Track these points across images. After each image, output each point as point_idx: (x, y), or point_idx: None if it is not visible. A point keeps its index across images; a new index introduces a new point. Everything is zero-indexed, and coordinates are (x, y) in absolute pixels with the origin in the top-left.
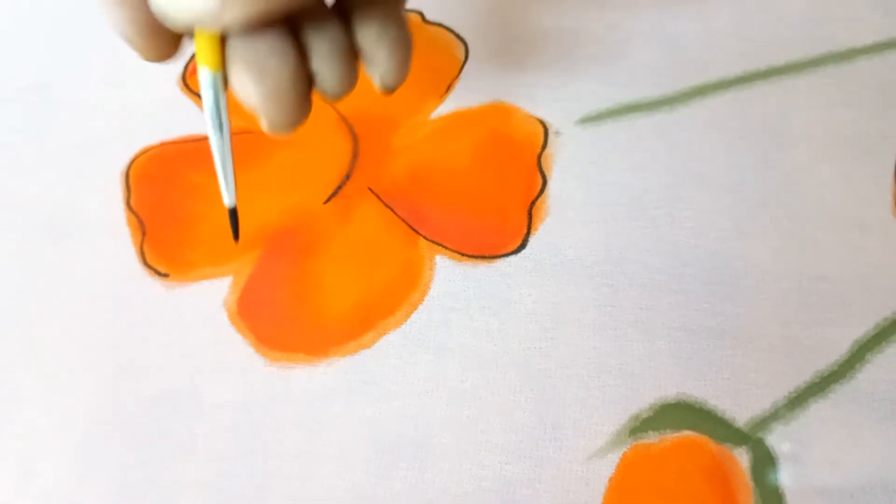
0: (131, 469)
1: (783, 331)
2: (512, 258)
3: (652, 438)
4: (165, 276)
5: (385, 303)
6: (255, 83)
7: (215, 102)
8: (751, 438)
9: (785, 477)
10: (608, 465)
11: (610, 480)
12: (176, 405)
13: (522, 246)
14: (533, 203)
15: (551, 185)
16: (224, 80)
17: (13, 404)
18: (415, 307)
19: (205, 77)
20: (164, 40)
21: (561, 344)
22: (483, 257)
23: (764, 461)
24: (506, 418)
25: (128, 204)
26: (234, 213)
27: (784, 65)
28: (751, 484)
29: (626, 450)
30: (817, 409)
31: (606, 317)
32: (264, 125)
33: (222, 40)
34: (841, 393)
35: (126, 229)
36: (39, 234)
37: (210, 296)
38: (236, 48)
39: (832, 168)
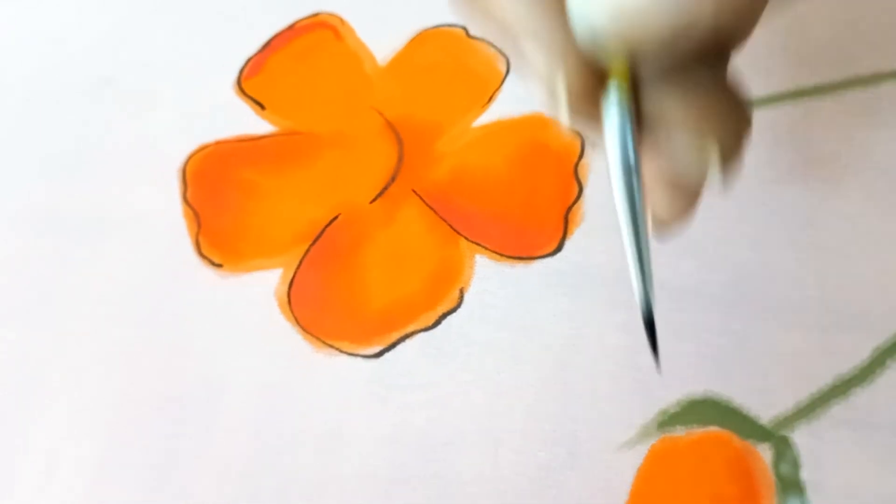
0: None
1: (806, 335)
2: (548, 260)
3: (679, 432)
4: (219, 266)
5: (427, 298)
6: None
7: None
8: (774, 435)
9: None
10: (637, 456)
11: (638, 470)
12: (223, 386)
13: (559, 249)
14: (569, 209)
15: (587, 192)
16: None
17: (64, 381)
18: (455, 303)
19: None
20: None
21: (593, 341)
22: (521, 258)
23: (786, 457)
24: (539, 409)
25: (184, 198)
26: (650, 324)
27: (812, 86)
28: (773, 479)
29: (654, 442)
30: (838, 411)
31: (637, 317)
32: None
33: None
34: (862, 396)
35: (183, 221)
36: (99, 223)
37: (261, 286)
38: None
39: (856, 184)
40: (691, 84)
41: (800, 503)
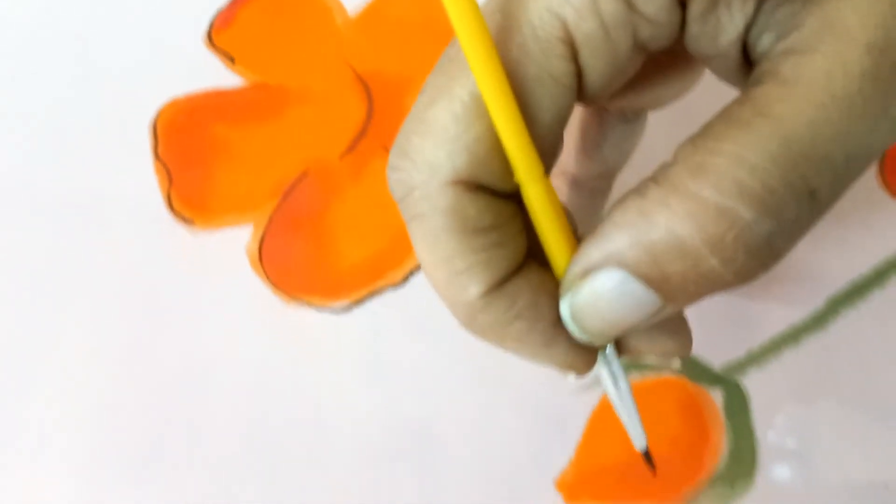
0: (154, 409)
1: (763, 288)
2: None
3: (634, 378)
4: (191, 221)
5: (395, 253)
6: None
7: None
8: (724, 380)
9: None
10: (593, 399)
11: (593, 412)
12: (198, 343)
13: None
14: None
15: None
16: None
17: (48, 339)
18: None
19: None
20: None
21: None
22: None
23: (737, 400)
24: (502, 362)
25: (156, 153)
26: (647, 454)
27: None
28: (724, 420)
29: None
30: (789, 357)
31: None
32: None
33: None
34: (814, 342)
35: (154, 177)
36: (73, 180)
37: (232, 242)
38: None
39: None
40: None
41: (749, 444)
